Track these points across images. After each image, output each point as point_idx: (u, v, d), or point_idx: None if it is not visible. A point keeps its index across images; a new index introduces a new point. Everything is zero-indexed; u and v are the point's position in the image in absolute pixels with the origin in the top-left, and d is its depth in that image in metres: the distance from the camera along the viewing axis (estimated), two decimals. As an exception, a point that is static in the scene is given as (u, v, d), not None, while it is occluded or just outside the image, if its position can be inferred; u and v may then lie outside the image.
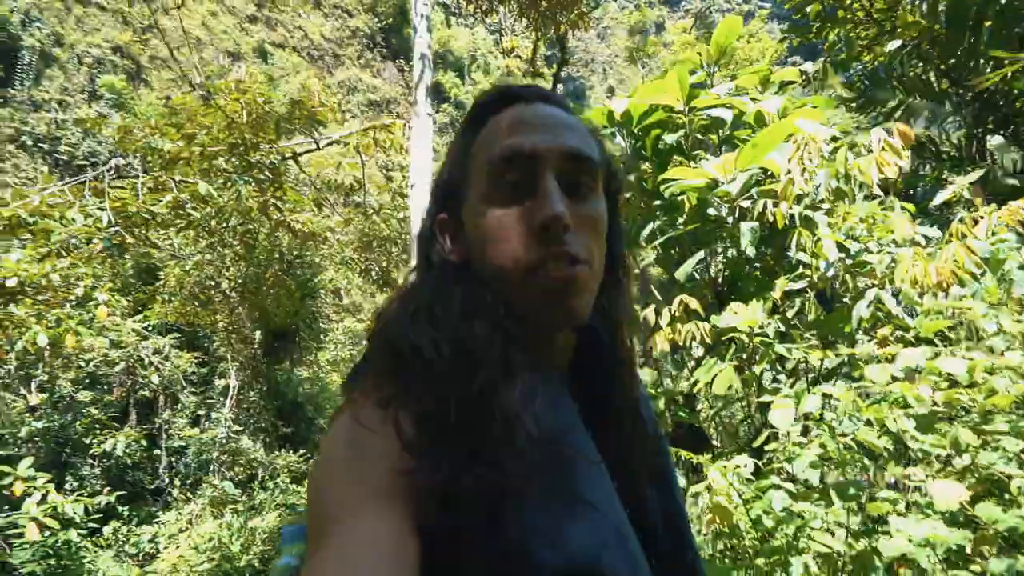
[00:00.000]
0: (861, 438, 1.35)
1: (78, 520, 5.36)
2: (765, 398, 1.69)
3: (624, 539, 0.46)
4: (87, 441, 6.62)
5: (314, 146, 4.15)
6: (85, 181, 3.25)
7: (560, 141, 0.52)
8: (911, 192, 4.92)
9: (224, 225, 4.03)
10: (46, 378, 6.95)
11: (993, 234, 2.30)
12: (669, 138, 3.02)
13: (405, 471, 0.42)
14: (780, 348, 1.97)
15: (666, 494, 0.60)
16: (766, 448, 1.75)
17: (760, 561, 1.31)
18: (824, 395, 1.50)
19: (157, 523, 6.17)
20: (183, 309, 4.72)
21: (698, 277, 3.18)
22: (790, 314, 2.37)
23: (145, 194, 3.18)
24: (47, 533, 5.17)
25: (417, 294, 0.53)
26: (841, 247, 2.29)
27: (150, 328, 6.61)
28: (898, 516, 1.23)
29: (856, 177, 1.94)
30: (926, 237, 2.61)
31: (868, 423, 1.40)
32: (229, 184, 3.33)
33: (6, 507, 5.51)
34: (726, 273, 3.21)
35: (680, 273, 2.57)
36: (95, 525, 5.63)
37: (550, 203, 0.48)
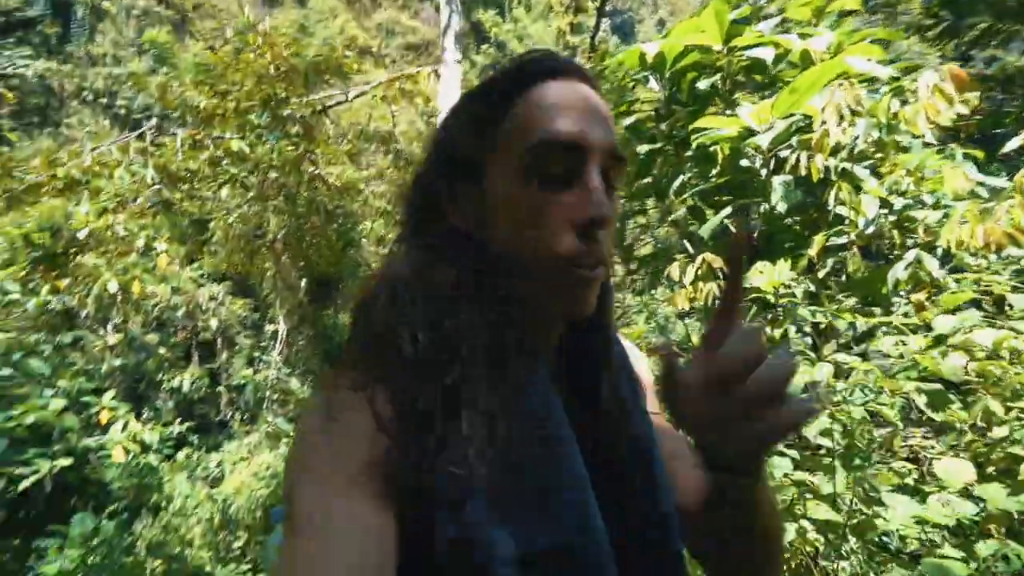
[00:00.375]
0: (874, 407, 1.31)
1: (154, 446, 6.02)
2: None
3: (589, 531, 0.45)
4: (159, 378, 7.29)
5: (344, 99, 4.15)
6: (129, 140, 3.41)
7: (608, 137, 0.51)
8: (994, 134, 4.43)
9: (262, 179, 4.15)
10: (120, 321, 7.61)
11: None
12: (703, 83, 2.81)
13: (378, 457, 0.42)
14: (804, 311, 1.89)
15: (653, 484, 0.57)
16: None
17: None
18: (837, 364, 1.45)
19: (222, 451, 6.82)
20: (230, 259, 4.99)
21: (733, 231, 3.04)
22: (823, 274, 2.24)
23: (185, 151, 3.31)
24: (130, 456, 5.84)
25: (411, 265, 0.51)
26: (885, 203, 2.12)
27: (205, 276, 7.05)
28: (893, 491, 1.20)
29: (900, 127, 1.76)
30: (994, 188, 2.37)
31: (881, 393, 1.35)
32: (262, 140, 3.41)
33: (97, 432, 6.24)
34: (763, 228, 3.05)
35: (705, 230, 2.46)
36: (169, 451, 6.29)
37: (600, 201, 0.48)
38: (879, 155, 2.34)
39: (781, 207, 2.17)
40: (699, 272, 2.33)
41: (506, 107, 0.51)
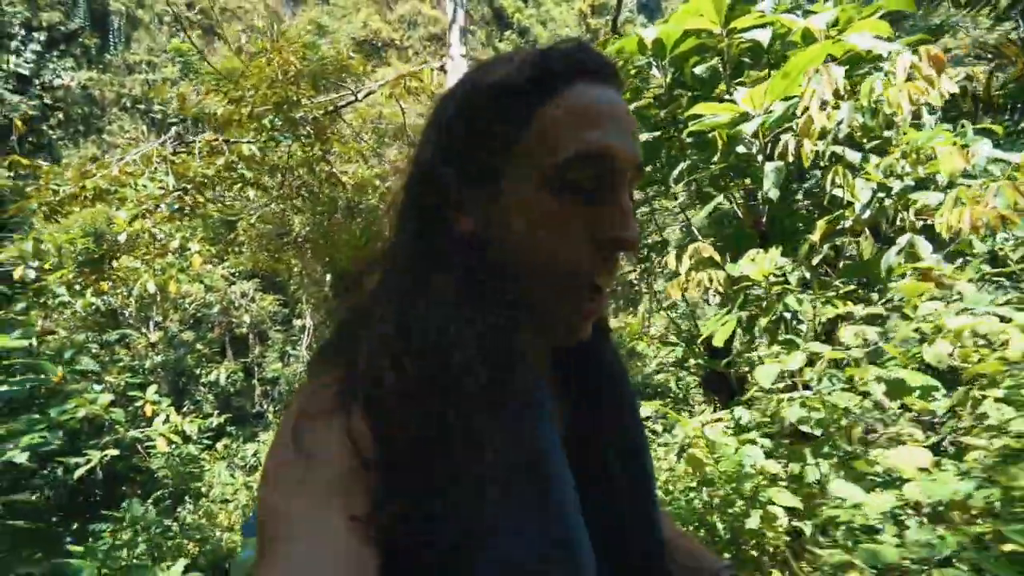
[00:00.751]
0: (835, 400, 1.32)
1: (194, 437, 6.40)
2: (761, 352, 1.65)
3: (572, 549, 0.43)
4: (198, 372, 7.70)
5: (354, 98, 4.26)
6: (154, 149, 3.62)
7: (636, 149, 0.49)
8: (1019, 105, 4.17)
9: (280, 180, 4.31)
10: (161, 319, 8.04)
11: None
12: (699, 68, 2.77)
13: (360, 488, 0.40)
14: (791, 299, 1.88)
15: (644, 502, 0.56)
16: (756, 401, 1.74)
17: (719, 518, 1.36)
18: (813, 353, 1.45)
19: (258, 441, 7.17)
20: (255, 259, 5.21)
21: (736, 217, 3.00)
22: (817, 260, 2.21)
23: (203, 157, 3.49)
24: (172, 446, 6.23)
25: (414, 276, 0.47)
26: (883, 186, 2.07)
27: (236, 274, 7.37)
28: (841, 479, 1.21)
29: (884, 110, 1.72)
30: (1007, 163, 2.27)
31: (850, 382, 1.36)
32: (275, 142, 3.55)
33: (143, 424, 6.68)
34: (766, 212, 3.00)
35: (696, 219, 2.45)
36: (208, 441, 6.66)
37: (630, 223, 0.46)
38: (877, 137, 2.27)
39: (773, 193, 2.14)
40: (692, 261, 2.33)
41: (533, 109, 0.46)
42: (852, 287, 2.26)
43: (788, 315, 2.16)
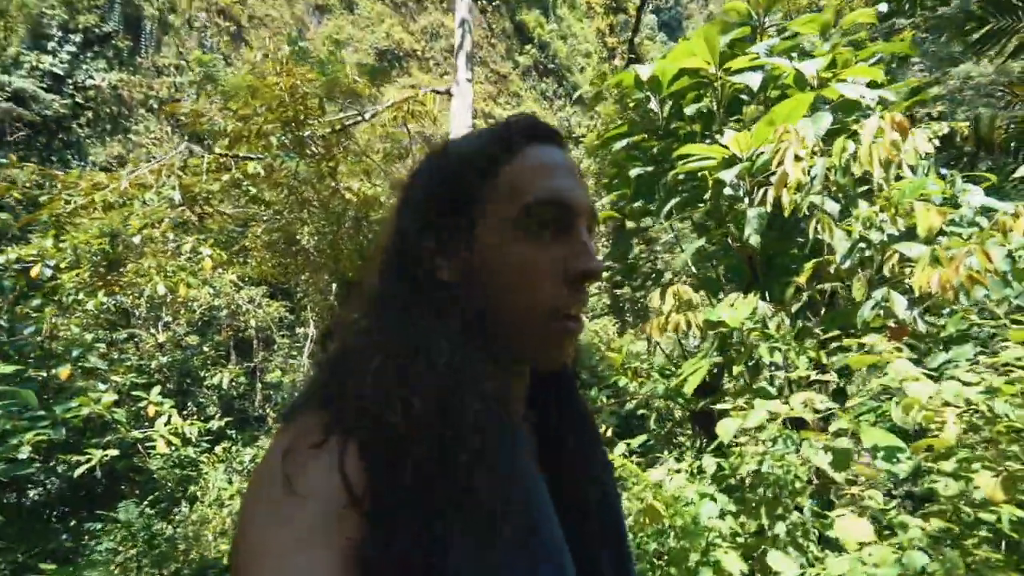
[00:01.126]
0: (784, 462, 1.32)
1: (194, 440, 6.50)
2: (736, 400, 1.66)
3: None
4: (202, 375, 7.83)
5: (360, 118, 4.37)
6: (163, 164, 3.75)
7: (588, 197, 0.56)
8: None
9: (287, 195, 4.42)
10: (171, 319, 8.20)
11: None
12: (690, 109, 2.79)
13: (350, 526, 0.39)
14: (763, 348, 1.88)
15: (618, 545, 0.59)
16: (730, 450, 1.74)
17: (673, 571, 1.37)
18: (771, 412, 1.46)
19: (258, 446, 7.24)
20: (260, 268, 5.32)
21: (726, 255, 3.00)
22: (796, 308, 2.21)
23: (210, 173, 3.60)
24: (172, 448, 6.34)
25: (396, 324, 0.49)
26: (863, 237, 2.07)
27: (244, 280, 7.51)
28: (776, 550, 1.21)
29: (854, 168, 1.73)
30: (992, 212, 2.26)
31: (799, 446, 1.36)
32: (280, 160, 3.65)
33: (145, 424, 6.81)
34: (759, 253, 3.00)
35: (679, 261, 2.47)
36: (208, 444, 6.75)
37: (594, 255, 0.52)
38: (866, 182, 2.27)
39: (754, 239, 2.15)
40: (675, 301, 2.34)
41: (497, 166, 0.54)
42: (835, 333, 2.25)
43: (767, 361, 2.16)
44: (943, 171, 2.93)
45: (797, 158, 1.78)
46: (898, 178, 2.47)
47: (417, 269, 0.53)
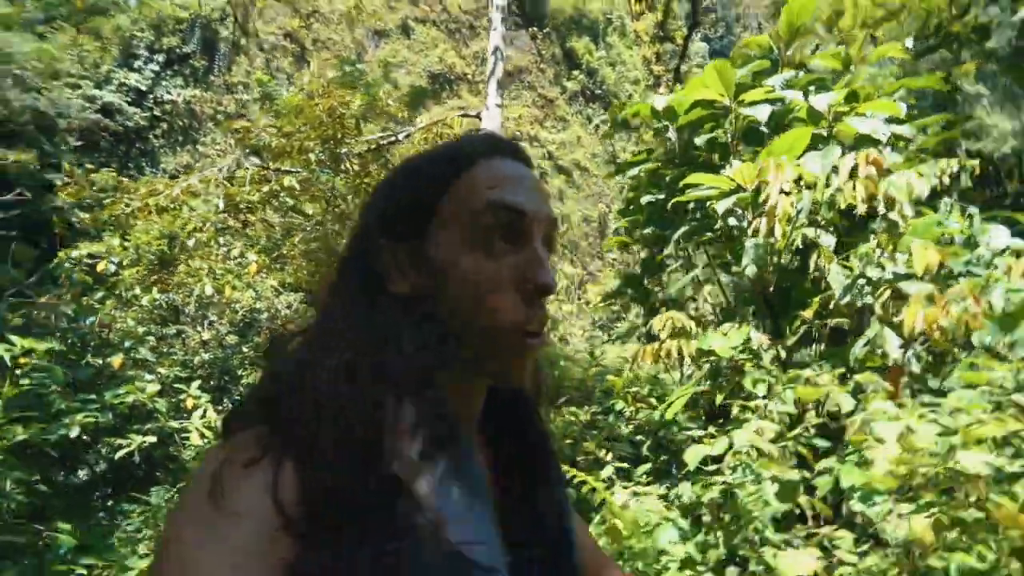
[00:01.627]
0: (748, 490, 1.33)
1: (225, 434, 6.83)
2: (695, 432, 1.67)
3: None
4: (239, 373, 8.22)
5: (395, 138, 4.63)
6: (212, 173, 4.10)
7: (546, 207, 0.55)
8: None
9: (323, 207, 4.71)
10: (216, 318, 8.71)
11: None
12: (700, 139, 2.84)
13: (282, 547, 0.39)
14: (748, 380, 1.88)
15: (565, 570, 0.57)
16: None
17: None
18: (730, 443, 1.47)
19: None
20: (296, 275, 5.63)
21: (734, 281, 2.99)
22: (792, 341, 2.19)
23: (252, 184, 3.91)
24: (205, 440, 6.70)
25: (341, 340, 0.48)
26: (862, 274, 2.04)
27: (285, 285, 7.92)
28: None
29: (839, 202, 1.73)
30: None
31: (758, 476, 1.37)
32: (316, 175, 3.92)
33: (184, 415, 7.22)
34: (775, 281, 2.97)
35: (673, 288, 2.49)
36: (238, 440, 7.07)
37: (547, 268, 0.51)
38: (877, 216, 2.24)
39: (750, 270, 2.16)
40: (672, 327, 2.36)
41: (452, 177, 0.53)
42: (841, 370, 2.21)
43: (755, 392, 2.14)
44: (972, 209, 2.84)
45: (784, 192, 1.81)
46: (919, 214, 2.43)
47: (371, 283, 0.52)
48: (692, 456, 1.51)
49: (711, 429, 1.69)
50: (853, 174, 1.68)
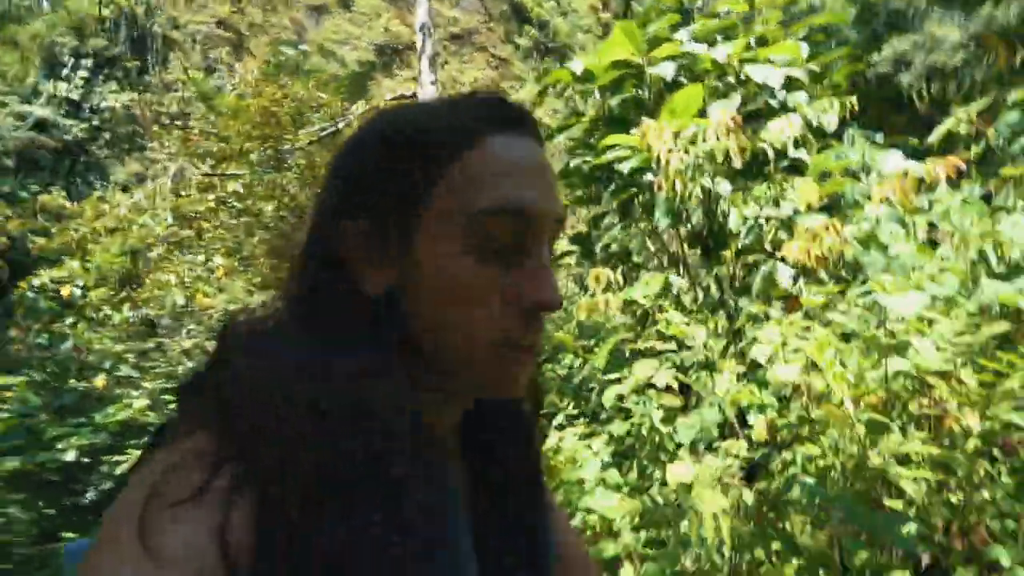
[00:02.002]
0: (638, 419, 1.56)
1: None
2: (613, 375, 1.90)
3: None
4: (226, 376, 8.36)
5: (336, 129, 4.65)
6: (157, 187, 4.12)
7: (557, 204, 0.46)
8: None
9: (275, 207, 4.76)
10: (194, 326, 8.75)
11: (932, 191, 2.10)
12: (614, 100, 2.97)
13: None
14: (662, 322, 2.11)
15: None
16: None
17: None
18: (636, 379, 1.69)
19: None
20: (262, 274, 5.70)
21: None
22: (708, 283, 2.41)
23: (199, 191, 3.95)
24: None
25: (311, 340, 0.42)
26: (759, 215, 2.25)
27: (255, 285, 7.97)
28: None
29: (717, 156, 1.91)
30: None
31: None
32: (259, 177, 3.97)
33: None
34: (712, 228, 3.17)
35: (609, 244, 2.69)
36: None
37: (553, 284, 0.44)
38: (784, 157, 2.44)
39: (663, 223, 2.35)
40: (602, 283, 2.56)
41: (448, 160, 0.43)
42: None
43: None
44: (878, 138, 3.04)
45: (670, 150, 1.98)
46: (824, 148, 2.63)
47: (335, 278, 0.44)
48: (607, 397, 1.73)
49: (624, 371, 1.92)
50: (727, 133, 1.85)
